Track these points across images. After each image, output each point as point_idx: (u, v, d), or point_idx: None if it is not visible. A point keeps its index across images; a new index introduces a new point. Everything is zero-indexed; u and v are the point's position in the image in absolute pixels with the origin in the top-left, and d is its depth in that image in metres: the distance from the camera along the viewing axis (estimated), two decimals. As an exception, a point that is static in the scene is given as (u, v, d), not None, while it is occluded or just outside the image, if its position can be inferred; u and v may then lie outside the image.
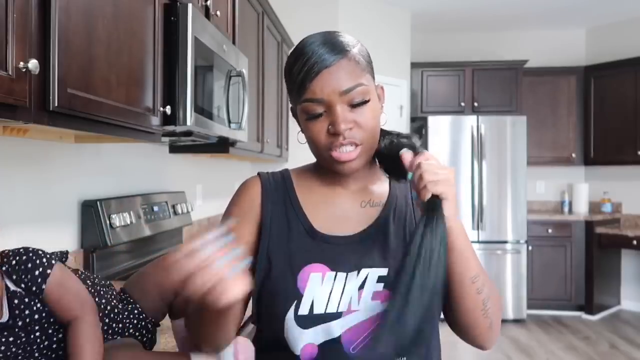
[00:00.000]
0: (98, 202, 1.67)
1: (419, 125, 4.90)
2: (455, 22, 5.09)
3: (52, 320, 0.86)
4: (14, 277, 0.82)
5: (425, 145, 4.63)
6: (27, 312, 0.83)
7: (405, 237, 0.89)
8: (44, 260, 0.85)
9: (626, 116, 4.71)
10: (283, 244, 0.88)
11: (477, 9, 4.71)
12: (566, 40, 5.36)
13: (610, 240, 4.63)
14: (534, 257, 4.76)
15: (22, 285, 0.83)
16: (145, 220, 1.95)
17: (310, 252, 0.86)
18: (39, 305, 0.84)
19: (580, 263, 4.76)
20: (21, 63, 0.88)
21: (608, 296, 4.89)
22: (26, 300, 0.83)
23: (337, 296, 0.83)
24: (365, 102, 0.84)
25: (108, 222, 1.69)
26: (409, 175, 0.82)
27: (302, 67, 0.83)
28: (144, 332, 0.99)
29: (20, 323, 0.82)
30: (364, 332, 0.82)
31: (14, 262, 0.83)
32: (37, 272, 0.83)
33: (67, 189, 1.63)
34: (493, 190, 4.59)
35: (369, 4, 4.39)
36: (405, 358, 0.83)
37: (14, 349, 0.82)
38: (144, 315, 1.00)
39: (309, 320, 0.82)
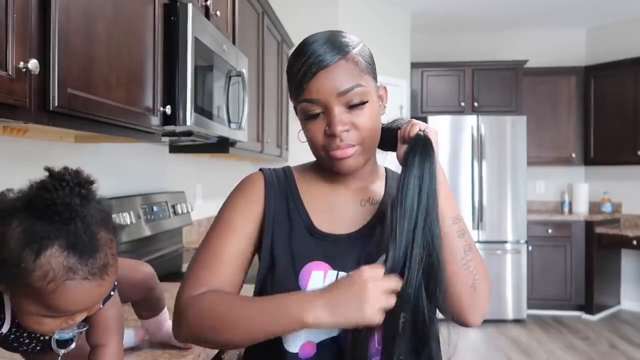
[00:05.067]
0: (98, 202, 1.67)
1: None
2: (455, 22, 5.09)
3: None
4: None
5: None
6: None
7: None
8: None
9: (626, 116, 4.71)
10: (285, 241, 0.88)
11: (477, 9, 4.71)
12: (566, 40, 5.36)
13: (610, 240, 4.63)
14: (534, 257, 4.76)
15: None
16: (145, 220, 1.95)
17: (311, 250, 0.87)
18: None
19: (580, 263, 4.76)
20: (21, 63, 0.88)
21: (608, 296, 4.89)
22: None
23: None
24: (363, 103, 0.84)
25: (108, 222, 1.69)
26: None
27: (300, 67, 0.83)
28: None
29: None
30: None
31: None
32: None
33: (67, 189, 1.63)
34: (493, 190, 4.59)
35: (369, 4, 4.39)
36: (402, 357, 0.82)
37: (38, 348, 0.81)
38: None
39: None
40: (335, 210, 0.92)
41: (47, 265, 0.65)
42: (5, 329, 0.76)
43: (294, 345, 0.83)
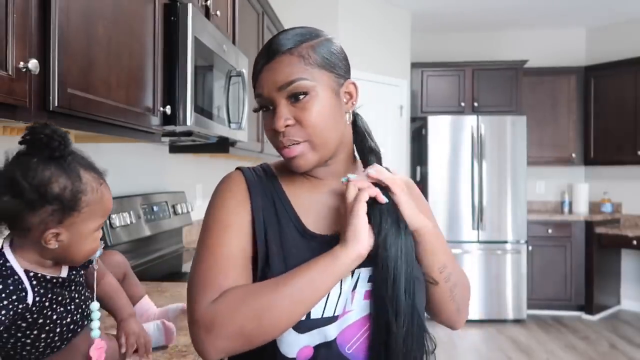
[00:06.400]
0: (98, 202, 1.67)
1: (419, 125, 4.91)
2: (455, 22, 5.09)
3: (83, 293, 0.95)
4: None
5: (425, 146, 4.64)
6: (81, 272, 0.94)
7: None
8: None
9: (626, 116, 4.71)
10: (278, 244, 0.84)
11: (477, 9, 4.71)
12: (566, 40, 5.36)
13: (610, 240, 4.63)
14: (534, 257, 4.76)
15: None
16: (145, 220, 1.95)
17: (305, 254, 0.82)
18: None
19: (580, 263, 4.76)
20: (21, 63, 0.88)
21: (608, 296, 4.89)
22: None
23: (334, 300, 0.81)
24: (305, 94, 0.81)
25: (108, 222, 1.69)
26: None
27: (256, 62, 0.86)
28: None
29: (77, 280, 0.93)
30: (358, 332, 0.81)
31: None
32: None
33: (67, 189, 1.63)
34: (493, 190, 4.59)
35: (369, 4, 4.39)
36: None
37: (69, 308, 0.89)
38: None
39: (306, 325, 0.79)
40: (320, 210, 0.88)
41: (88, 181, 0.86)
42: (30, 299, 0.81)
43: (291, 351, 0.80)
